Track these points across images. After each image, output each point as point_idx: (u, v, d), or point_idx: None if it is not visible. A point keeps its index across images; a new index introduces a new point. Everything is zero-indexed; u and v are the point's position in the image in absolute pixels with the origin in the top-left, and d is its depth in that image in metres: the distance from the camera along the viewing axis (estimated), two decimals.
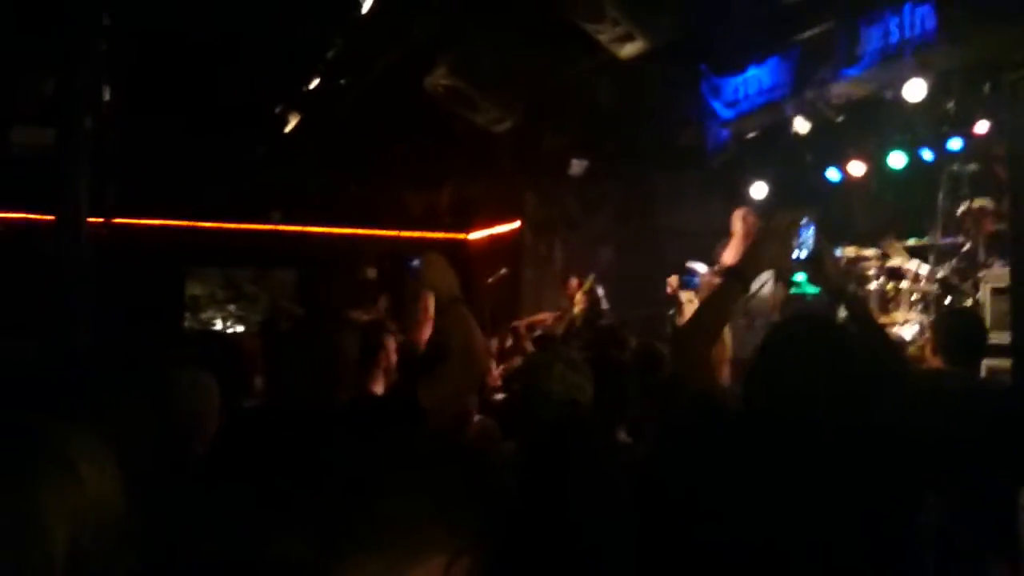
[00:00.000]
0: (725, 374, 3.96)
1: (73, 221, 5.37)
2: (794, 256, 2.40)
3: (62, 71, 5.46)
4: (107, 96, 6.10)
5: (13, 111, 6.79)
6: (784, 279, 6.68)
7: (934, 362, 3.47)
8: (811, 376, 1.98)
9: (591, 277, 8.77)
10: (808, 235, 2.39)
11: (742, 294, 2.36)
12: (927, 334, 4.54)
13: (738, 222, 7.37)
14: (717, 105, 7.97)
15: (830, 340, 2.09)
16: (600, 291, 8.70)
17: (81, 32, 5.31)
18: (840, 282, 2.71)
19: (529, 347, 6.33)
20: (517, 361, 5.15)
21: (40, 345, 4.99)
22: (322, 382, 2.53)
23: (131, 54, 6.71)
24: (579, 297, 8.64)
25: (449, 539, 1.34)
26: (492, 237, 12.14)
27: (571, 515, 2.21)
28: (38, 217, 9.33)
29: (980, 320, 4.36)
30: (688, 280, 7.92)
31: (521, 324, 7.52)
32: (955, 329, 3.57)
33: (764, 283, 6.72)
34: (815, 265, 2.51)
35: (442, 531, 1.34)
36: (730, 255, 7.23)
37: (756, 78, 7.68)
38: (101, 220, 7.13)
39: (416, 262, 2.61)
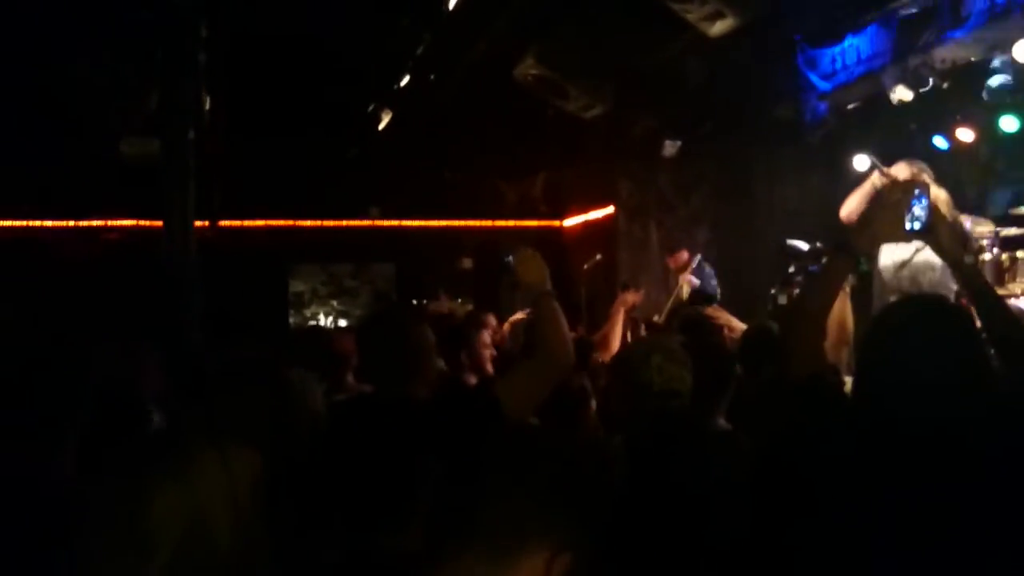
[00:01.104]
0: (844, 357, 3.81)
1: (181, 226, 5.58)
2: (907, 227, 2.28)
3: (165, 84, 5.66)
4: (207, 105, 6.31)
5: (122, 124, 7.09)
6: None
7: None
8: (928, 362, 1.88)
9: (698, 257, 8.59)
10: (922, 204, 2.27)
11: (851, 270, 2.27)
12: None
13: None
14: (814, 77, 7.74)
15: (943, 317, 1.99)
16: (708, 268, 8.50)
17: (181, 46, 5.50)
18: (957, 253, 2.57)
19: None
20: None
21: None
22: (398, 372, 2.55)
23: (228, 62, 6.92)
24: (686, 276, 8.47)
25: (551, 535, 1.35)
26: (587, 223, 12.09)
27: (678, 507, 2.18)
28: (148, 224, 9.72)
29: None
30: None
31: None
32: None
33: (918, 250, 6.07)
34: (930, 235, 2.38)
35: (544, 528, 1.35)
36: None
37: (854, 47, 7.42)
38: (207, 223, 7.39)
39: (509, 257, 2.60)
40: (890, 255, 6.13)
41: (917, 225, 2.26)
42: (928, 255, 5.76)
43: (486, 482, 1.39)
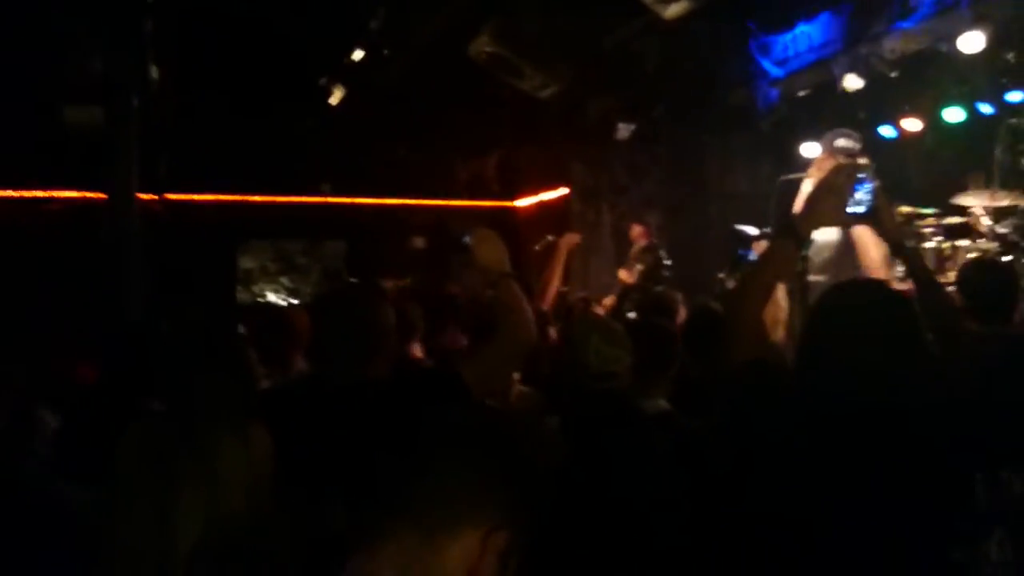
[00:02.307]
0: (781, 336, 3.87)
1: (124, 198, 5.46)
2: (850, 210, 2.30)
3: (110, 51, 5.52)
4: (155, 75, 6.16)
5: (64, 91, 6.91)
6: None
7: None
8: (865, 342, 1.91)
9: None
10: (866, 188, 2.29)
11: (796, 251, 2.28)
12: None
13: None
14: (766, 64, 7.80)
15: (886, 303, 2.02)
16: (662, 252, 8.55)
17: (127, 12, 5.37)
18: (899, 237, 2.61)
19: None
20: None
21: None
22: (359, 353, 2.52)
23: (177, 32, 6.76)
24: (639, 256, 8.50)
25: (486, 513, 1.34)
26: (540, 204, 12.09)
27: (612, 488, 2.20)
28: (91, 195, 9.50)
29: (1011, 272, 4.17)
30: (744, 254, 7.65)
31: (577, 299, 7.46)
32: (983, 285, 3.43)
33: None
34: (873, 219, 2.41)
35: (478, 505, 1.34)
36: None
37: (806, 35, 7.48)
38: (154, 197, 7.24)
39: (467, 237, 2.58)
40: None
41: (860, 209, 2.29)
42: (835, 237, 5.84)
43: (421, 458, 1.38)
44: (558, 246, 4.98)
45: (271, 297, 12.41)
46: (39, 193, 10.66)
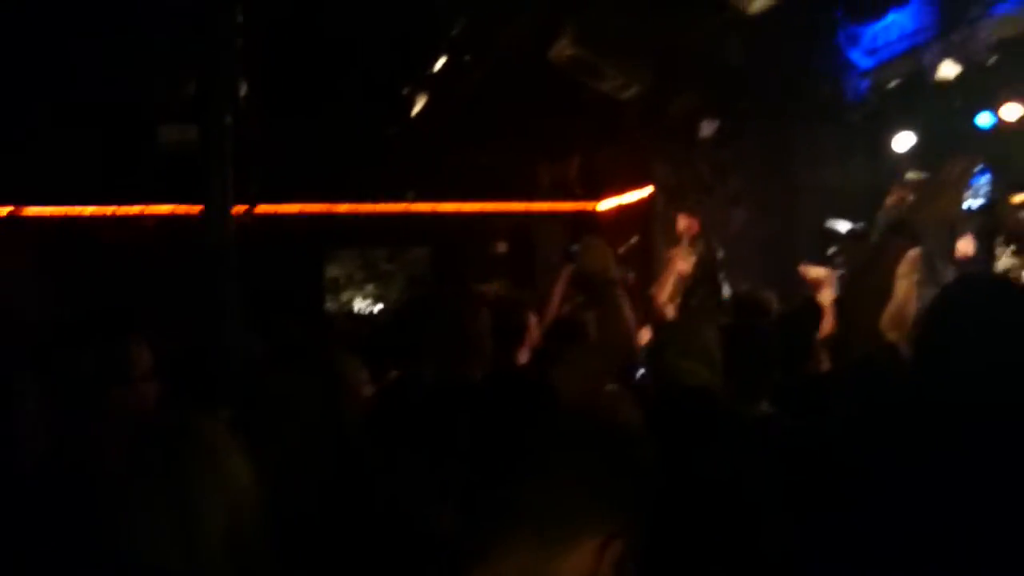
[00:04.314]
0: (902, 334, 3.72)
1: (220, 211, 5.58)
2: (965, 206, 2.22)
3: (202, 70, 5.67)
4: (243, 91, 6.31)
5: (159, 112, 7.14)
6: None
7: None
8: (992, 338, 1.81)
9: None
10: (982, 182, 2.21)
11: (909, 249, 2.20)
12: None
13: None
14: (855, 54, 7.59)
15: (1013, 297, 1.92)
16: (715, 242, 8.38)
17: (218, 32, 5.50)
18: (1020, 230, 2.50)
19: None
20: None
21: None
22: (452, 358, 2.55)
23: (263, 48, 6.92)
24: (692, 245, 8.35)
25: (603, 523, 1.32)
26: (622, 206, 12.00)
27: (713, 493, 2.15)
28: (186, 210, 9.79)
29: None
30: None
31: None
32: None
33: None
34: (990, 213, 2.32)
35: (597, 515, 1.32)
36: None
37: (897, 23, 7.26)
38: (244, 209, 7.42)
39: (575, 246, 2.65)
40: None
41: (979, 201, 2.21)
42: None
43: (535, 466, 1.37)
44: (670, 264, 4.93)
45: (358, 305, 12.61)
46: (136, 209, 11.05)
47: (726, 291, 8.01)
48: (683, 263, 8.48)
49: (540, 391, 2.47)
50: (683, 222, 8.79)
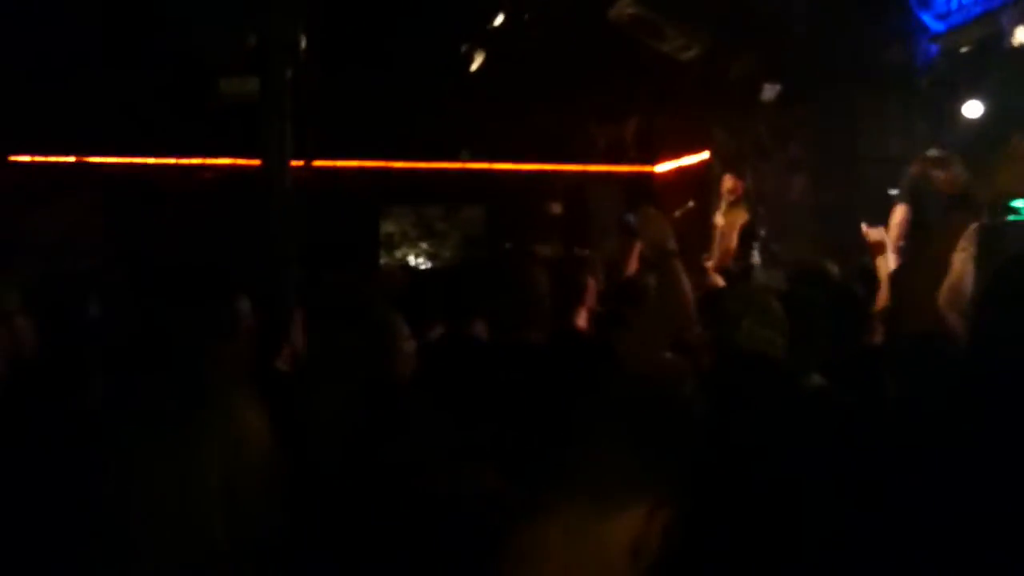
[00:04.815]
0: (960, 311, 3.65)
1: (278, 165, 5.66)
2: None
3: (264, 22, 5.72)
4: (303, 45, 6.34)
5: (220, 64, 7.20)
6: None
7: None
8: None
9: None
10: None
11: (969, 223, 2.15)
12: None
13: None
14: (926, 18, 7.36)
15: None
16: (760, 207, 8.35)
17: None
18: None
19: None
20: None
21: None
22: (511, 318, 2.56)
23: (324, 3, 6.93)
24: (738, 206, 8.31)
25: (654, 489, 1.33)
26: (679, 169, 11.87)
27: (768, 465, 2.14)
28: (245, 163, 9.91)
29: None
30: None
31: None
32: None
33: None
34: None
35: (648, 480, 1.33)
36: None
37: None
38: (302, 163, 7.49)
39: (631, 216, 2.65)
40: None
41: None
42: None
43: (590, 430, 1.38)
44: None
45: (411, 261, 12.70)
46: (196, 161, 11.22)
47: (755, 257, 7.97)
48: (720, 219, 8.44)
49: (602, 354, 2.49)
50: (728, 182, 8.71)
